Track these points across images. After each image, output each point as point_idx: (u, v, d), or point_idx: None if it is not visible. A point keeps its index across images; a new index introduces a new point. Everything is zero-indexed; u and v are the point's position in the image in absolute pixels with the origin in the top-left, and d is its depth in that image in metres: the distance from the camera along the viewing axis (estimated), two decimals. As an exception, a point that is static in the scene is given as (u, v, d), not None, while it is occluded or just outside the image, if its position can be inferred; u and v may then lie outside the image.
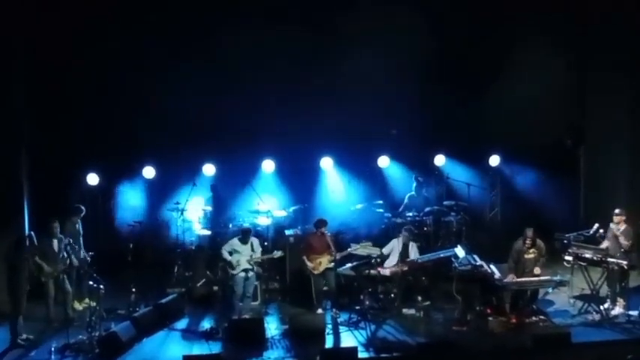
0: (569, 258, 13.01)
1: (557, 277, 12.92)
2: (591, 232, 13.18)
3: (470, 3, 15.73)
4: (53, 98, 14.85)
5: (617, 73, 15.45)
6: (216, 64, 15.31)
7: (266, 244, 14.42)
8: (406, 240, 13.46)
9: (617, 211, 13.00)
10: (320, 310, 13.13)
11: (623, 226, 12.90)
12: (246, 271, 13.04)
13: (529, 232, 12.83)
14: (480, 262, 12.78)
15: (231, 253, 13.13)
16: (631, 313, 12.62)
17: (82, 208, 13.87)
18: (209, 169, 15.51)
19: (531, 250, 12.87)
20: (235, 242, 13.25)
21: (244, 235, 13.27)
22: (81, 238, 13.72)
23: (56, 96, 14.87)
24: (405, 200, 15.80)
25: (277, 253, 13.36)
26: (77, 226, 13.76)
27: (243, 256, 13.09)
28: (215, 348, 11.85)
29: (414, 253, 13.45)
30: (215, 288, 13.94)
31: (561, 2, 15.65)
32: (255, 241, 13.36)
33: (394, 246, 13.54)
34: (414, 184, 15.92)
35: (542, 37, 15.52)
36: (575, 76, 16.33)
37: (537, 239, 12.89)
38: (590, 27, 15.76)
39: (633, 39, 14.91)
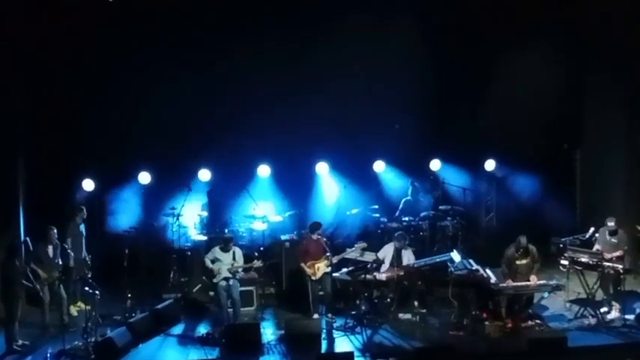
0: (565, 262, 13.01)
1: (553, 282, 12.96)
2: (587, 236, 13.21)
3: (467, 8, 15.74)
4: (50, 104, 14.85)
5: (614, 77, 15.44)
6: (212, 70, 15.32)
7: (262, 249, 14.43)
8: (399, 246, 13.41)
9: (610, 224, 12.93)
10: (316, 315, 13.11)
11: (619, 231, 12.92)
12: (226, 279, 12.93)
13: (523, 241, 12.74)
14: (475, 266, 12.80)
15: (213, 262, 13.04)
16: (627, 316, 12.62)
17: (83, 207, 13.86)
18: (205, 175, 15.47)
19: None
20: (217, 250, 13.15)
21: (225, 243, 13.15)
22: (83, 240, 13.71)
23: (53, 102, 14.86)
24: (401, 205, 15.79)
25: (257, 263, 13.30)
26: (80, 227, 13.75)
27: (224, 265, 12.98)
28: (211, 353, 11.83)
29: (407, 258, 13.40)
30: (211, 293, 13.91)
31: (559, 6, 15.68)
32: (237, 250, 13.24)
33: (387, 251, 13.50)
34: (410, 189, 15.92)
35: (540, 41, 15.55)
36: (572, 80, 16.33)
37: (530, 245, 12.83)
38: (588, 31, 15.78)
39: (631, 43, 14.92)
